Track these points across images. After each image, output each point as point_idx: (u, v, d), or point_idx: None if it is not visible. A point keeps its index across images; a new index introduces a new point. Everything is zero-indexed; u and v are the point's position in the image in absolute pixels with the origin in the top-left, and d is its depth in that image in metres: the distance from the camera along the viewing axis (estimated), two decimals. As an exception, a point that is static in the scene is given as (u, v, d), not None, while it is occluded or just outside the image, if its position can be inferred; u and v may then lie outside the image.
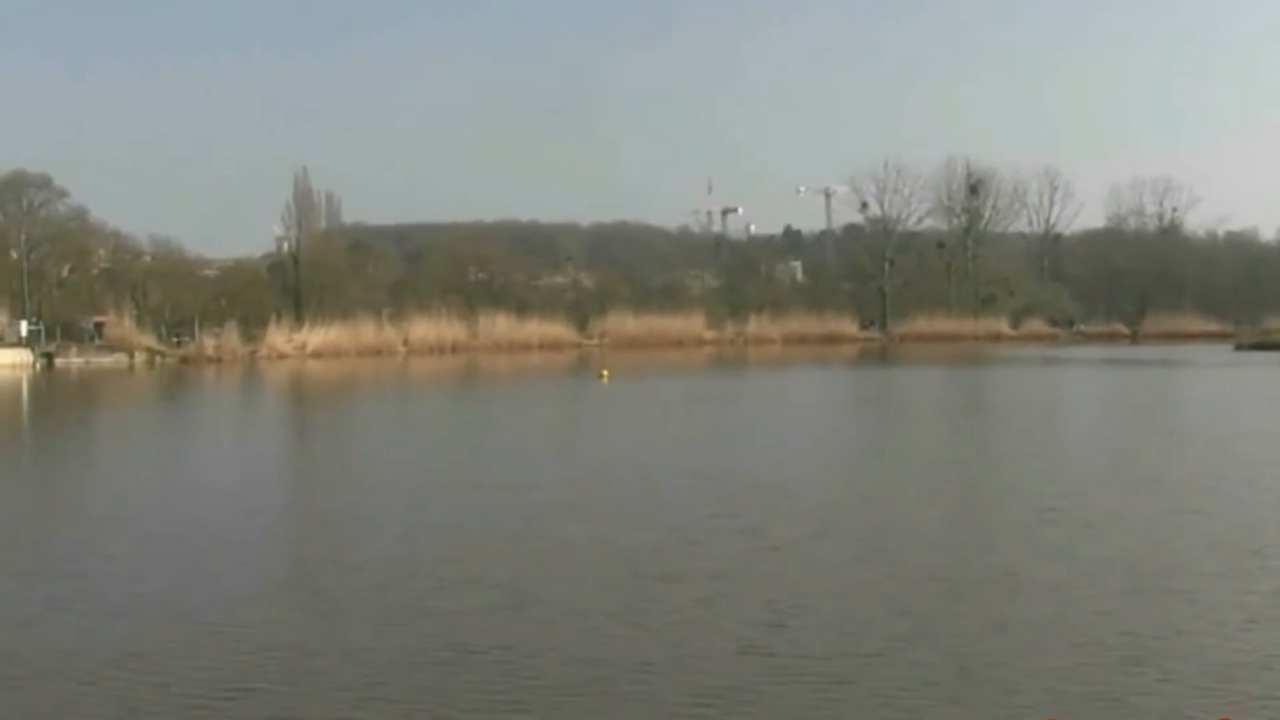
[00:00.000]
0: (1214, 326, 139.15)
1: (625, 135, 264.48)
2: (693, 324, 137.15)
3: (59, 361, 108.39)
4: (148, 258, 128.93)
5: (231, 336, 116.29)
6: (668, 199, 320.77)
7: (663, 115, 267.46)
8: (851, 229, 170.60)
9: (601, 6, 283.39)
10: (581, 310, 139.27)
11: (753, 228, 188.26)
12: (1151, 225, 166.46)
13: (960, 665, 14.11)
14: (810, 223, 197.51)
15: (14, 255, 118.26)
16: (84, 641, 15.94)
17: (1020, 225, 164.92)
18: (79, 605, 17.87)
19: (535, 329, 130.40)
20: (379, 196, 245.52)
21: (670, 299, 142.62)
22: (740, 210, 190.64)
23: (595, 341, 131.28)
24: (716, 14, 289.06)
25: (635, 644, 15.36)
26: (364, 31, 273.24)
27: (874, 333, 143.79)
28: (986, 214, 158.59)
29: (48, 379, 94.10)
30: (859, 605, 16.91)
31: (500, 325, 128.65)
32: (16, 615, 17.34)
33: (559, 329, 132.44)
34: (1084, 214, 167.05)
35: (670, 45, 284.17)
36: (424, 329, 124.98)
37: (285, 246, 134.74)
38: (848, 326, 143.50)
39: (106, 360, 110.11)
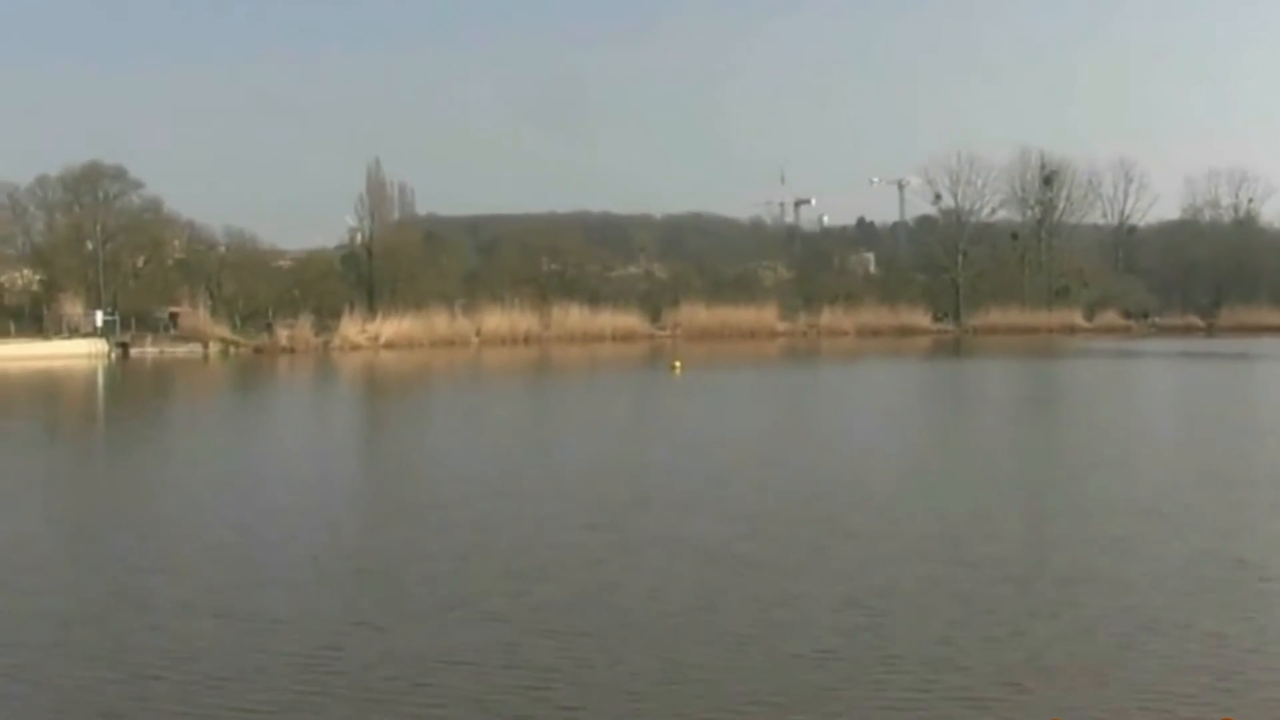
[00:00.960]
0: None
1: (698, 126, 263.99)
2: (765, 315, 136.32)
3: (134, 351, 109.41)
4: (222, 249, 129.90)
5: (305, 327, 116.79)
6: (741, 190, 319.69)
7: (735, 106, 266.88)
8: (925, 220, 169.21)
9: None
10: (654, 301, 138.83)
11: (826, 219, 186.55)
12: (1227, 217, 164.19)
13: (1045, 668, 13.91)
14: (883, 214, 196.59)
15: (89, 246, 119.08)
16: (148, 637, 15.87)
17: (1095, 217, 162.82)
18: (145, 600, 17.83)
19: (608, 320, 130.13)
20: (452, 188, 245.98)
21: (743, 290, 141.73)
22: (813, 201, 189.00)
23: (668, 332, 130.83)
24: (786, 5, 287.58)
25: (712, 635, 15.25)
26: (440, 23, 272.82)
27: (947, 325, 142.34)
28: (1060, 205, 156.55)
29: (122, 369, 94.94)
30: (937, 604, 16.69)
31: (573, 316, 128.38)
32: (78, 611, 17.26)
33: (632, 320, 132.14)
34: (1159, 205, 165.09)
35: (745, 35, 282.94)
36: (497, 320, 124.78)
37: (358, 237, 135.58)
38: (921, 318, 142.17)
39: (181, 350, 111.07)
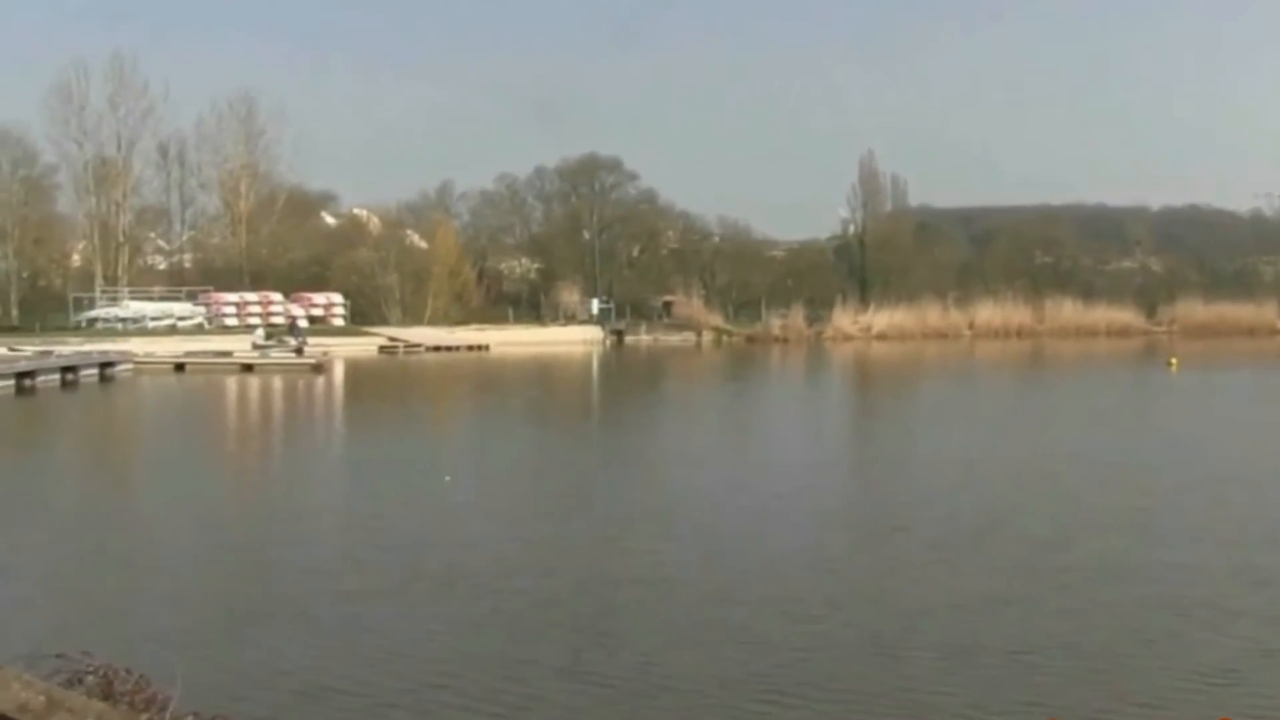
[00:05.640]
0: None
1: (1194, 115, 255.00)
2: (1265, 312, 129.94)
3: (628, 339, 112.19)
4: (716, 239, 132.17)
5: (797, 317, 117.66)
6: (1240, 181, 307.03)
7: (1229, 94, 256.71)
8: None
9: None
10: (1149, 296, 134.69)
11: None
12: None
13: None
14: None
15: (586, 235, 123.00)
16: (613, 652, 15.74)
17: None
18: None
19: (1102, 314, 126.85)
20: (946, 178, 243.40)
21: (1241, 285, 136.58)
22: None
23: (1163, 328, 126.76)
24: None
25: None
26: (937, 20, 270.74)
27: None
28: None
29: (617, 355, 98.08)
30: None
31: (1066, 310, 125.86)
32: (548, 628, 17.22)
33: (1126, 315, 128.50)
34: None
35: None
36: (989, 312, 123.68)
37: (851, 229, 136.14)
38: None
39: (674, 338, 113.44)
